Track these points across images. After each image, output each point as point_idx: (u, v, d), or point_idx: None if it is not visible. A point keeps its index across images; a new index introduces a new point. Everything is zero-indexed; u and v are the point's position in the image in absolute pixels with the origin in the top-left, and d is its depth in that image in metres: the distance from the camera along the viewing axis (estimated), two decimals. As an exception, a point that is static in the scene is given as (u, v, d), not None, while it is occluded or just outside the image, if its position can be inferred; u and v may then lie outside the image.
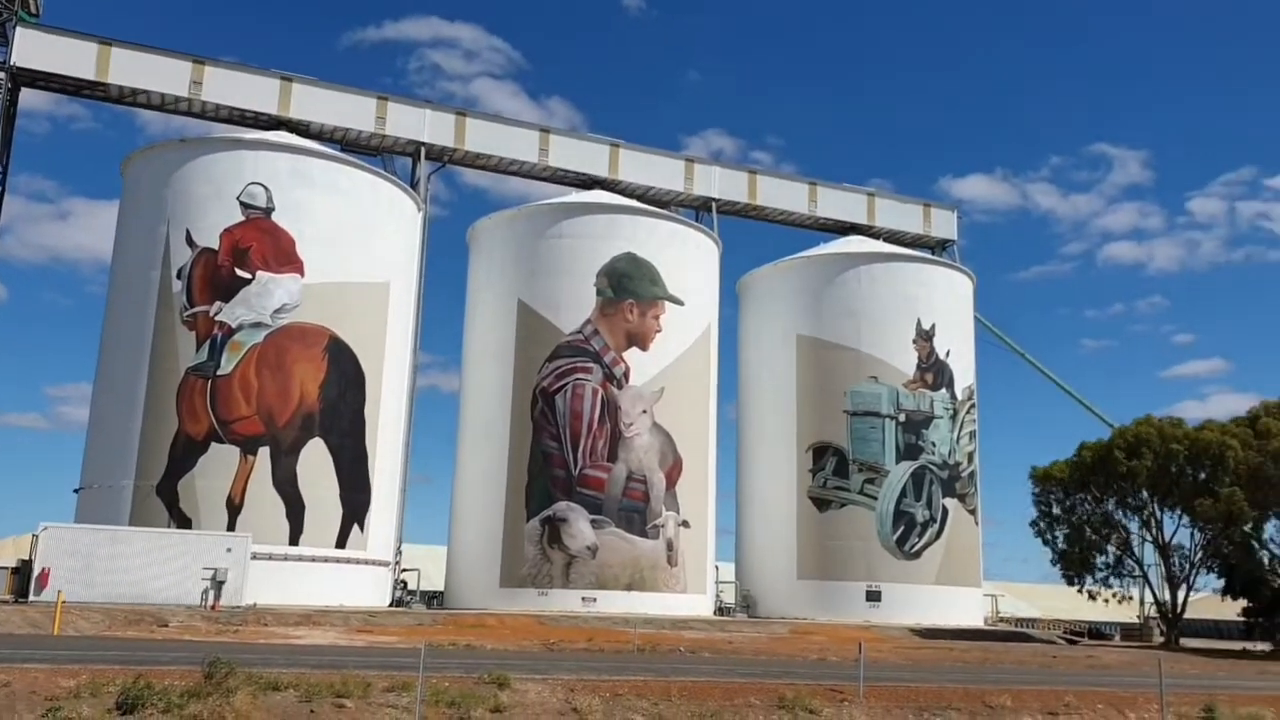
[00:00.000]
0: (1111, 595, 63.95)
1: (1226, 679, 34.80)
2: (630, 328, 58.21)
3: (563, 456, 56.12)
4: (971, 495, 67.17)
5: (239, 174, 51.64)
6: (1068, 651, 49.74)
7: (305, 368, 50.65)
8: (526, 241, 59.87)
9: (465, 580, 57.68)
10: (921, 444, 65.11)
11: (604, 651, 33.98)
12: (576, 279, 58.24)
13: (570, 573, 54.85)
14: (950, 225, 76.51)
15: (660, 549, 56.50)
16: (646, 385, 57.77)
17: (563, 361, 57.27)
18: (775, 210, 70.94)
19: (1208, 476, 57.25)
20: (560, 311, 57.94)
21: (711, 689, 23.24)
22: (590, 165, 64.94)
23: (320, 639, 34.22)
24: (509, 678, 21.82)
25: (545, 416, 56.78)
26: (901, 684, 26.02)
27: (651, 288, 59.12)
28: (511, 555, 55.58)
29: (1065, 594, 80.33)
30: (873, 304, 66.56)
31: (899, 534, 63.35)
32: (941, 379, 66.92)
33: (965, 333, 70.12)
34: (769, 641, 44.27)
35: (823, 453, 64.84)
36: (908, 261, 69.29)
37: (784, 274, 69.68)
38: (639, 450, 57.00)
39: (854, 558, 63.08)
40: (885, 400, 64.92)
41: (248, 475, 48.68)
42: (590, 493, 55.79)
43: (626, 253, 59.02)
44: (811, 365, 66.21)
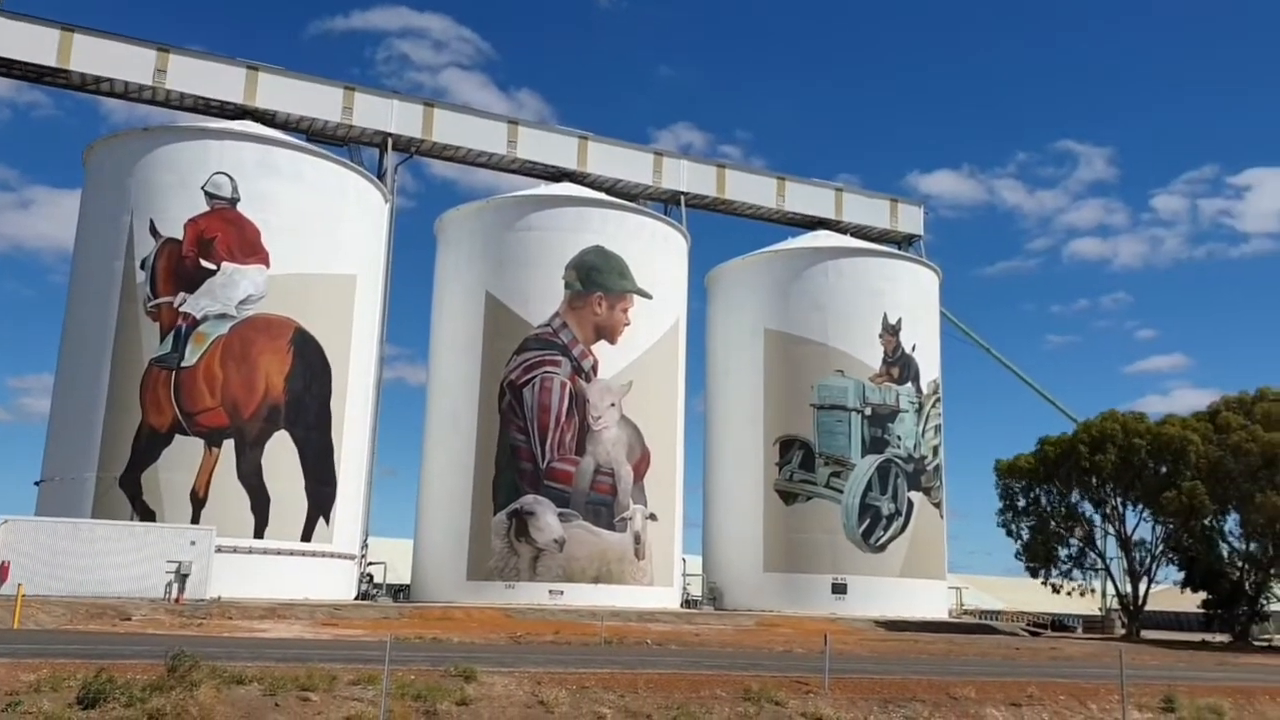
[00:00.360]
0: (1074, 588, 64.75)
1: (1186, 670, 35.28)
2: (599, 321, 58.15)
3: (530, 450, 55.99)
4: (936, 489, 67.67)
5: (204, 164, 51.11)
6: (1031, 643, 50.23)
7: (270, 360, 50.26)
8: (494, 233, 59.62)
9: (432, 573, 57.45)
10: (887, 437, 65.47)
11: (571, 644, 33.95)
12: (545, 271, 58.07)
13: (537, 566, 54.78)
14: (917, 220, 76.88)
15: (628, 542, 56.53)
16: (615, 378, 57.74)
17: (530, 354, 57.13)
18: (744, 204, 71.10)
19: (1169, 470, 57.99)
20: (528, 304, 57.76)
21: (678, 681, 23.29)
22: (559, 158, 64.75)
23: (285, 632, 33.97)
24: (475, 670, 21.76)
25: (513, 409, 56.64)
26: (866, 676, 26.18)
27: (620, 281, 59.07)
28: (478, 548, 55.42)
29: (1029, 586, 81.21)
30: (839, 298, 66.84)
31: (864, 527, 63.74)
32: (907, 373, 67.31)
33: (931, 327, 70.55)
34: (735, 634, 44.41)
35: (789, 446, 65.09)
36: (874, 256, 69.65)
37: (752, 268, 69.83)
38: (607, 443, 56.97)
39: (820, 550, 63.38)
40: (851, 394, 65.26)
41: (212, 468, 48.26)
42: (558, 486, 55.72)
43: (595, 245, 58.93)
44: (779, 359, 66.45)
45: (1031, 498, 65.71)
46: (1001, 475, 66.17)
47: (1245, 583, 59.85)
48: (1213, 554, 59.55)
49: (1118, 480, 61.17)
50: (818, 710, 22.05)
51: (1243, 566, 59.69)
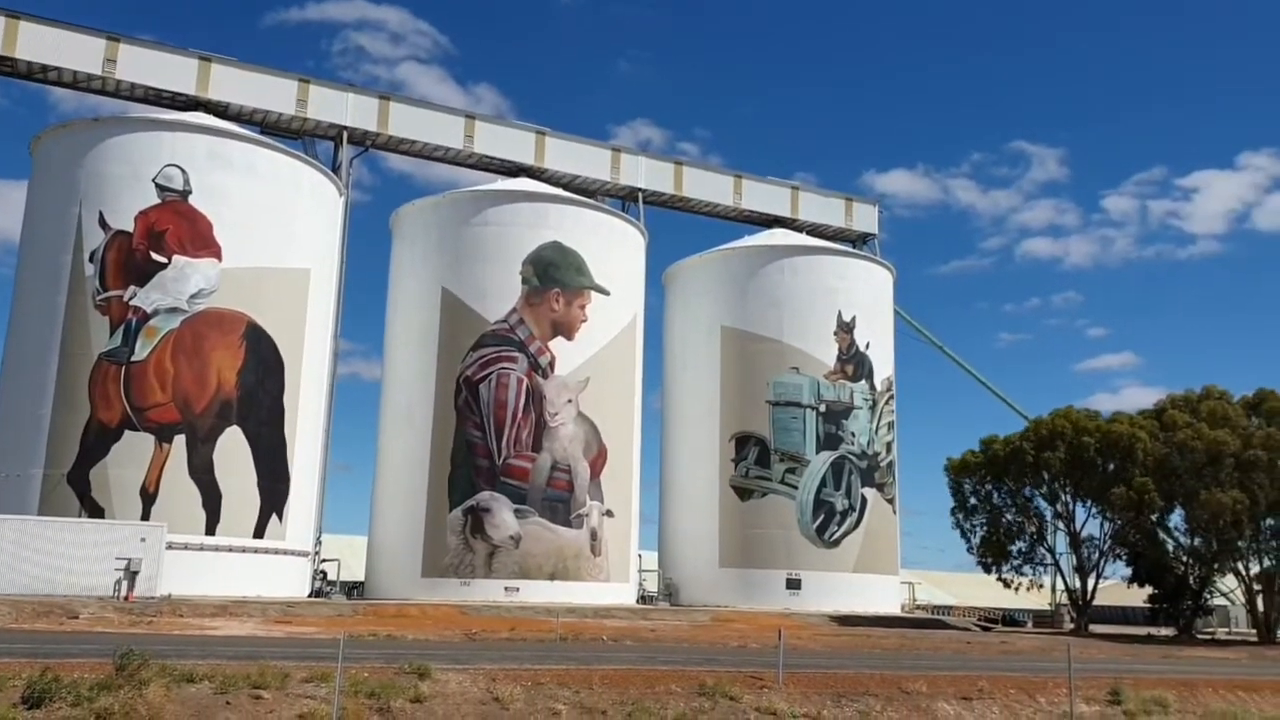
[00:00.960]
0: (1025, 583, 65.44)
1: (1132, 663, 35.87)
2: (556, 317, 58.03)
3: (486, 446, 55.79)
4: (890, 485, 68.21)
5: (155, 155, 50.38)
6: (982, 638, 50.84)
7: (222, 354, 49.70)
8: (450, 228, 59.31)
9: (386, 570, 57.09)
10: (841, 434, 65.90)
11: (526, 641, 33.95)
12: (501, 267, 57.84)
13: (493, 563, 54.59)
14: (871, 219, 77.46)
15: (584, 538, 56.49)
16: (572, 375, 57.66)
17: (487, 350, 56.89)
18: (701, 202, 71.29)
19: (1118, 467, 58.74)
20: (485, 300, 57.51)
21: (633, 677, 23.33)
22: (516, 153, 64.53)
23: (237, 630, 33.71)
24: (430, 668, 21.67)
25: (469, 406, 56.38)
26: (820, 671, 26.36)
27: (577, 277, 58.97)
28: (433, 545, 55.14)
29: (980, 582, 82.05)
30: (795, 296, 67.18)
31: (819, 523, 64.12)
32: (861, 370, 67.77)
33: (885, 325, 71.06)
34: (691, 629, 44.51)
35: (745, 442, 65.34)
36: (830, 255, 70.06)
37: (709, 265, 70.02)
38: (564, 440, 56.89)
39: (775, 546, 63.71)
40: (806, 391, 65.61)
41: (163, 464, 47.64)
42: (514, 482, 55.55)
43: (552, 241, 58.78)
44: (735, 356, 66.68)
45: (983, 494, 66.19)
46: (952, 473, 66.70)
47: (1190, 577, 60.81)
48: (1158, 549, 60.43)
49: (1068, 477, 61.79)
50: (772, 705, 22.17)
51: (1188, 562, 60.62)
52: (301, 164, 55.35)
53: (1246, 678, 31.61)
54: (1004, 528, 65.09)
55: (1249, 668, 36.59)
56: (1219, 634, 67.04)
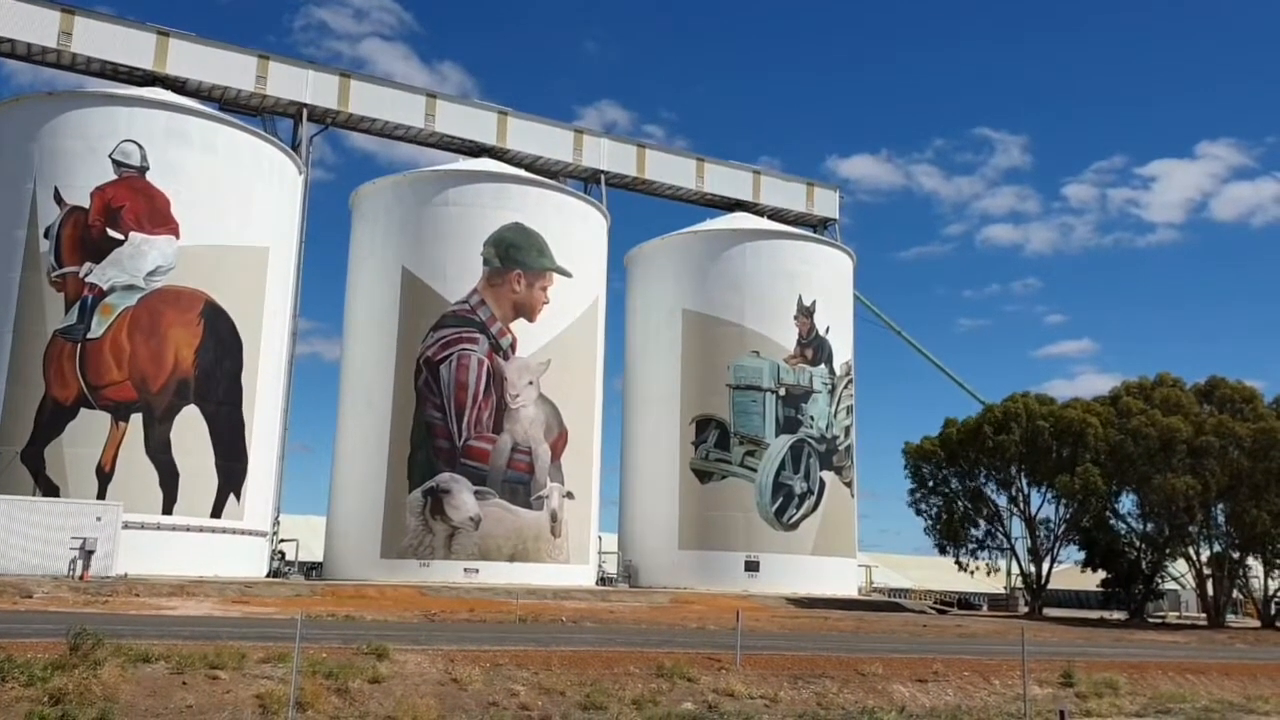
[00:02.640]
0: (981, 566, 66.08)
1: (1085, 646, 36.46)
2: (517, 298, 57.89)
3: (447, 427, 55.64)
4: (848, 468, 68.76)
5: (112, 131, 49.67)
6: (938, 621, 51.37)
7: (180, 332, 49.20)
8: (412, 208, 58.96)
9: (345, 551, 56.91)
10: (801, 418, 66.35)
11: (485, 622, 33.94)
12: (463, 248, 57.61)
13: (453, 544, 54.52)
14: (832, 204, 77.87)
15: (544, 520, 56.55)
16: (533, 357, 57.59)
17: (448, 331, 56.69)
18: (663, 185, 71.37)
19: (1070, 453, 59.35)
20: (446, 280, 57.29)
21: (592, 658, 23.41)
22: (479, 133, 64.27)
23: (194, 610, 33.48)
24: (388, 648, 21.63)
25: (429, 387, 56.18)
26: (777, 653, 26.57)
27: (539, 258, 58.84)
28: (393, 526, 55.00)
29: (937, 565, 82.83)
30: (756, 280, 67.44)
31: (777, 505, 64.58)
32: (821, 355, 68.23)
33: (845, 310, 71.57)
34: (650, 611, 44.75)
35: (705, 425, 65.65)
36: (791, 239, 70.36)
37: (671, 248, 70.14)
38: (524, 422, 56.85)
39: (734, 528, 64.12)
40: (766, 374, 65.98)
41: (119, 442, 47.17)
42: (474, 464, 55.45)
43: (514, 222, 58.60)
44: (696, 339, 66.90)
45: (940, 478, 66.65)
46: (910, 457, 67.03)
47: (1142, 562, 61.63)
48: (1110, 534, 61.21)
49: (1022, 461, 62.31)
50: (729, 686, 22.34)
51: (1140, 546, 61.45)
52: (261, 141, 54.79)
53: (1196, 661, 32.22)
54: (961, 512, 65.56)
55: (1198, 651, 37.30)
56: (1170, 618, 68.04)
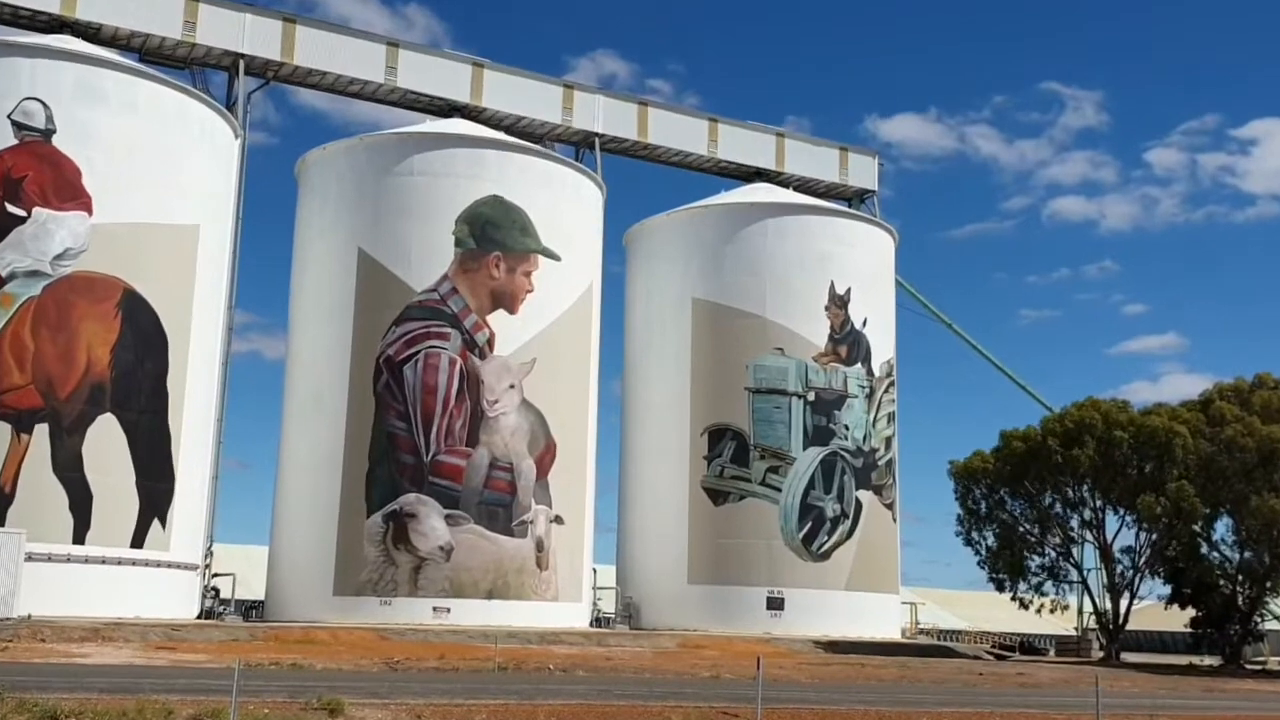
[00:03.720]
0: (1046, 603, 66.10)
1: (1170, 698, 36.35)
2: (495, 286, 57.99)
3: (412, 439, 55.72)
4: (889, 487, 68.84)
5: (12, 87, 49.71)
6: (995, 668, 51.46)
7: (93, 327, 49.28)
8: (370, 178, 59.05)
9: (291, 587, 57.07)
10: (833, 427, 66.36)
11: (459, 671, 34.05)
12: (431, 226, 57.67)
13: (419, 578, 54.66)
14: (870, 173, 78.20)
15: (528, 549, 56.66)
16: (515, 355, 57.69)
17: (413, 325, 56.76)
18: (669, 150, 71.58)
19: (1154, 468, 59.20)
20: (410, 265, 57.34)
21: (585, 714, 23.42)
22: (449, 88, 64.49)
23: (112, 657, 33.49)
24: (342, 702, 21.66)
25: (391, 391, 56.28)
26: (805, 706, 26.55)
27: (521, 238, 58.89)
28: (348, 557, 55.09)
29: (994, 602, 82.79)
30: (780, 263, 67.51)
31: (805, 531, 64.55)
32: (857, 352, 68.26)
33: (885, 299, 71.62)
34: (654, 657, 44.91)
35: (720, 436, 65.63)
36: (821, 215, 70.43)
37: (678, 226, 70.19)
38: (504, 432, 56.92)
39: (754, 559, 64.16)
40: (793, 376, 66.00)
41: (21, 458, 47.21)
42: (445, 483, 55.57)
43: (492, 195, 58.67)
44: (709, 334, 66.95)
45: (995, 500, 66.59)
46: (958, 477, 66.99)
47: (1239, 598, 61.44)
48: (1201, 565, 60.94)
49: (1096, 479, 62.37)
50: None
51: (1236, 579, 61.25)
52: (190, 99, 54.84)
53: (1301, 714, 32.13)
54: (1021, 539, 65.59)
55: (1304, 702, 37.19)
56: (1271, 664, 67.89)
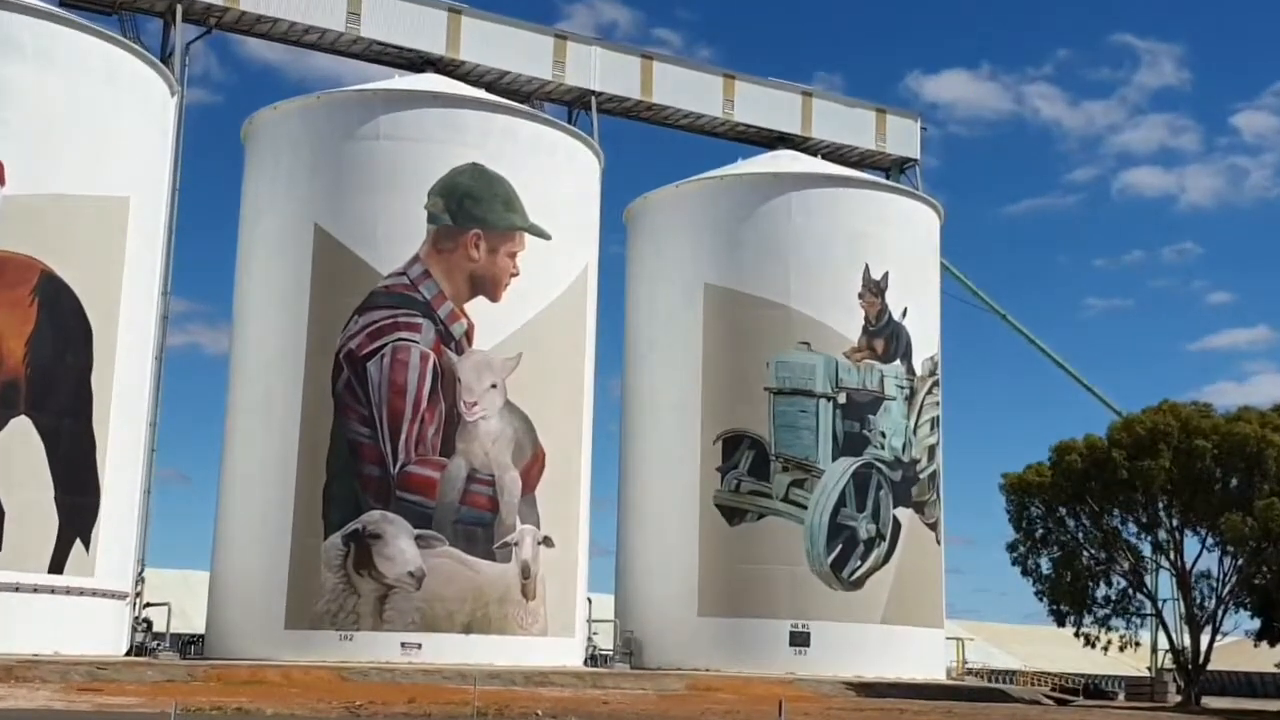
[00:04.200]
0: (1115, 640, 66.08)
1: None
2: (475, 269, 57.76)
3: (377, 448, 55.48)
4: (932, 504, 68.78)
5: (-92, 34, 49.52)
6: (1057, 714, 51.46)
7: (4, 316, 49.02)
8: (328, 143, 58.74)
9: (236, 619, 56.87)
10: (867, 434, 66.22)
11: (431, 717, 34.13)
12: (399, 198, 57.40)
13: (385, 609, 54.40)
14: (912, 139, 78.12)
15: (512, 576, 56.42)
16: (497, 350, 57.42)
17: (379, 314, 56.50)
18: (678, 111, 71.59)
19: (1242, 482, 59.05)
20: (376, 244, 57.10)
21: (585, 770, 23.03)
22: (421, 39, 64.33)
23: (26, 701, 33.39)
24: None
25: (353, 391, 56.00)
26: (845, 761, 26.20)
27: (505, 213, 58.59)
28: (302, 585, 54.80)
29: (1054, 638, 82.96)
30: (806, 244, 67.40)
31: (835, 555, 64.42)
32: (895, 347, 68.20)
33: (929, 287, 71.61)
34: (658, 702, 44.87)
35: (736, 445, 65.58)
36: (855, 187, 70.35)
37: (688, 200, 70.05)
38: (485, 440, 56.65)
39: (775, 587, 64.06)
40: (820, 375, 65.90)
41: (-80, 469, 46.95)
42: (415, 498, 55.31)
43: (471, 164, 58.32)
44: (723, 326, 66.90)
45: (1054, 519, 66.61)
46: (1011, 492, 67.02)
47: (1340, 633, 61.36)
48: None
49: (1173, 496, 62.38)
50: (780, 810, 21.89)
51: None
52: (118, 50, 54.44)
53: None
54: (1084, 565, 65.64)
55: None
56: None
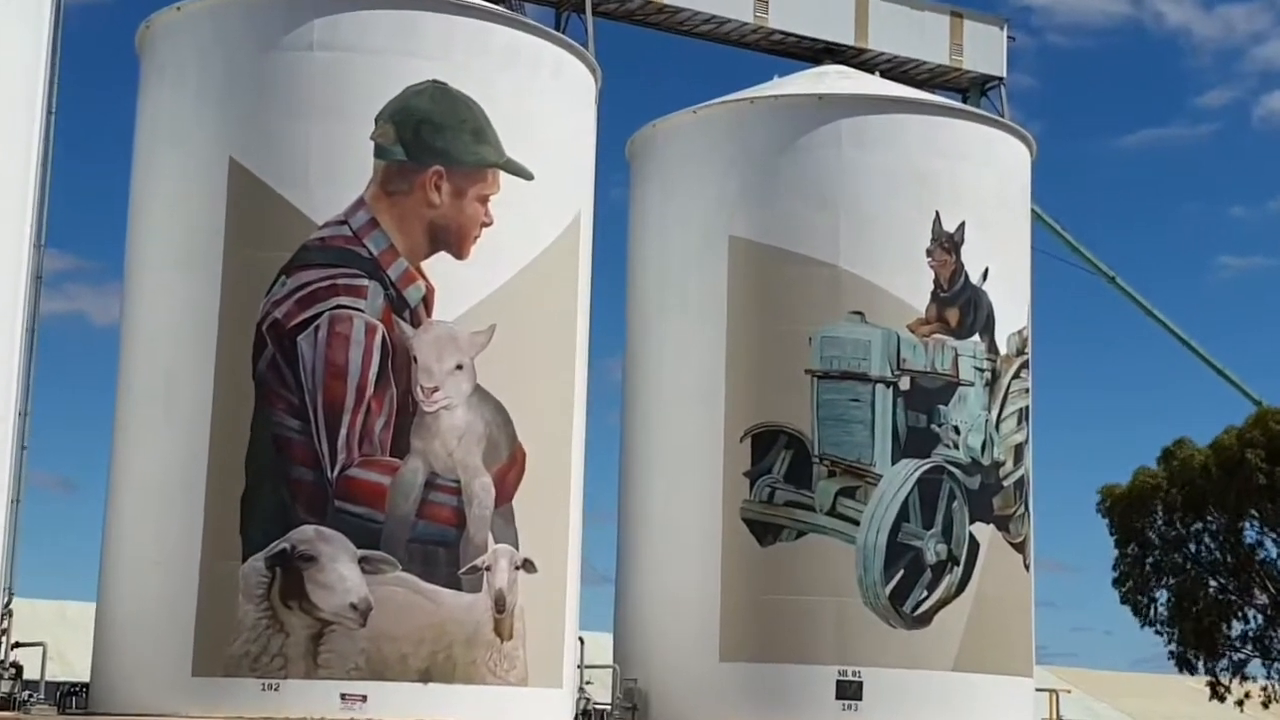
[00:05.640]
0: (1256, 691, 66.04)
1: None
2: (436, 217, 56.78)
3: (310, 446, 54.50)
4: (1019, 519, 68.30)
5: None
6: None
7: None
8: (248, 54, 57.67)
9: (129, 663, 55.99)
10: (937, 430, 65.86)
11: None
12: (338, 126, 56.37)
13: (321, 651, 53.37)
14: (996, 52, 78.27)
15: (482, 609, 55.42)
16: (464, 321, 56.40)
17: (312, 275, 55.43)
18: (696, 15, 71.32)
19: None
20: (308, 184, 56.03)
21: None
22: (368, -77, 63.07)
23: None
24: None
25: (279, 374, 54.98)
26: None
27: (474, 146, 57.55)
28: (214, 620, 53.81)
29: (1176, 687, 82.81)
30: (861, 185, 66.81)
31: (895, 584, 63.97)
32: (973, 319, 67.72)
33: (1017, 241, 71.24)
34: (672, 775, 43.86)
35: (769, 443, 65.13)
36: (923, 113, 69.74)
37: (709, 129, 69.31)
38: (448, 436, 55.70)
39: (818, 624, 63.58)
40: (877, 353, 65.31)
41: None
42: (359, 510, 54.31)
43: (430, 82, 57.21)
44: (753, 290, 66.44)
45: (1171, 539, 66.68)
46: (1113, 508, 67.15)
47: None
48: None
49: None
50: None
51: None
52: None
53: None
54: (1213, 596, 65.65)
55: None
56: None
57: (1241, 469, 60.91)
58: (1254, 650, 62.57)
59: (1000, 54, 77.18)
